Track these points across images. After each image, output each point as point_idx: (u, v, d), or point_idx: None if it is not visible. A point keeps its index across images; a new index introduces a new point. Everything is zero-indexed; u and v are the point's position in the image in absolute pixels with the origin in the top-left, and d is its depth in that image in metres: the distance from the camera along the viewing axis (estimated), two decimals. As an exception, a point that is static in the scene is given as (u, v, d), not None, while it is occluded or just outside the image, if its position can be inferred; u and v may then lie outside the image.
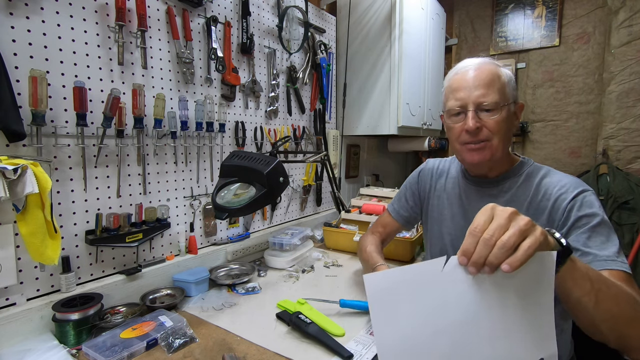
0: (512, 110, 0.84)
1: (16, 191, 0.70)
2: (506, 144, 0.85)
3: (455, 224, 0.97)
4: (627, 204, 2.04)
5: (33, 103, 0.79)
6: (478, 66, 0.83)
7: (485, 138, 0.82)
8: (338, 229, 1.54)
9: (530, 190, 0.85)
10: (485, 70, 0.82)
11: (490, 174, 0.91)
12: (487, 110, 0.81)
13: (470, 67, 0.84)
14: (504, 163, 0.89)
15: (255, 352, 0.79)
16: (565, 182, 0.81)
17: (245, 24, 1.34)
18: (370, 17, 1.87)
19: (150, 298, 1.01)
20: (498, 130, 0.81)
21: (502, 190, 0.89)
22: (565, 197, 0.79)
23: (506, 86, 0.82)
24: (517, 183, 0.88)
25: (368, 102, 1.91)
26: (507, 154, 0.89)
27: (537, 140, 2.58)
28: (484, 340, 0.49)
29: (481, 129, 0.82)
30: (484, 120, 0.81)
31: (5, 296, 0.81)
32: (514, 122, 0.86)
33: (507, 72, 0.84)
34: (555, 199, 0.80)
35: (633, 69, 2.10)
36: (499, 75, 0.82)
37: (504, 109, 0.81)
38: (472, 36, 2.79)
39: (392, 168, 2.74)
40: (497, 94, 0.80)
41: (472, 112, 0.81)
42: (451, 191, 1.00)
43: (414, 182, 1.11)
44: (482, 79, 0.81)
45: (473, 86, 0.82)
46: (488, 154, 0.84)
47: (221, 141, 1.30)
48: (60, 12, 0.87)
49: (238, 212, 0.88)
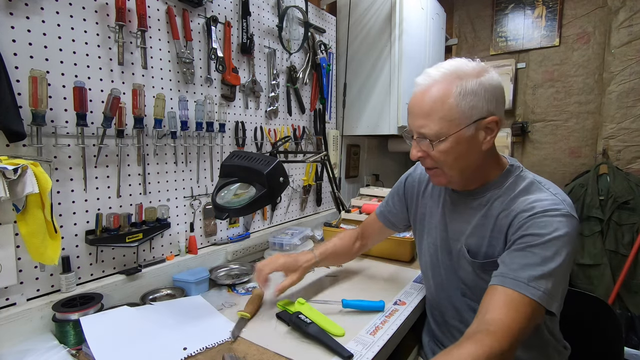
0: (467, 134, 0.73)
1: (16, 191, 0.70)
2: (465, 168, 0.78)
3: (437, 233, 0.93)
4: (627, 204, 2.04)
5: (33, 103, 0.79)
6: (426, 88, 0.75)
7: (432, 166, 0.79)
8: (338, 229, 1.54)
9: (503, 204, 0.78)
10: (428, 95, 0.74)
11: (470, 186, 0.84)
12: (427, 141, 0.75)
13: (419, 88, 0.77)
14: (486, 174, 0.82)
15: (255, 352, 0.79)
16: (537, 201, 0.72)
17: (245, 24, 1.34)
18: (370, 17, 1.87)
19: (150, 298, 1.01)
20: (443, 160, 0.76)
21: (481, 203, 0.83)
22: (524, 214, 0.72)
23: (454, 110, 0.72)
24: (496, 195, 0.80)
25: (368, 102, 1.91)
26: (480, 168, 0.81)
27: (537, 140, 2.58)
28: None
29: (425, 157, 0.79)
30: (426, 150, 0.77)
31: (5, 296, 0.81)
32: (477, 142, 0.75)
33: (465, 88, 0.72)
34: (514, 216, 0.74)
35: (633, 69, 2.11)
36: (446, 97, 0.72)
37: (450, 138, 0.73)
38: (472, 36, 2.79)
39: (392, 168, 2.74)
40: (437, 123, 0.72)
41: (414, 141, 0.78)
42: (437, 199, 0.95)
43: (401, 187, 1.08)
44: (422, 107, 0.74)
45: (414, 114, 0.77)
46: (443, 180, 0.81)
47: (221, 141, 1.30)
48: (60, 12, 0.87)
49: (238, 212, 0.88)
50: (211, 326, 0.88)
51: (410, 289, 1.12)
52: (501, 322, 0.62)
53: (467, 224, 0.85)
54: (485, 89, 0.73)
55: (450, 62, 0.76)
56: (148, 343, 0.79)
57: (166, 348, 0.78)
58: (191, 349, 0.78)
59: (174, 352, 0.76)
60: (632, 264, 1.99)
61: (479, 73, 0.74)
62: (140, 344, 0.78)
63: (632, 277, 2.01)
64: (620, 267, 2.02)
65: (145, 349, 0.77)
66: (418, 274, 1.24)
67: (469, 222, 0.84)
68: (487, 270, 0.77)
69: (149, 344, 0.78)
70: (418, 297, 1.06)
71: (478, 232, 0.82)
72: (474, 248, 0.82)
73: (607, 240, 2.07)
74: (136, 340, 0.79)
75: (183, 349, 0.77)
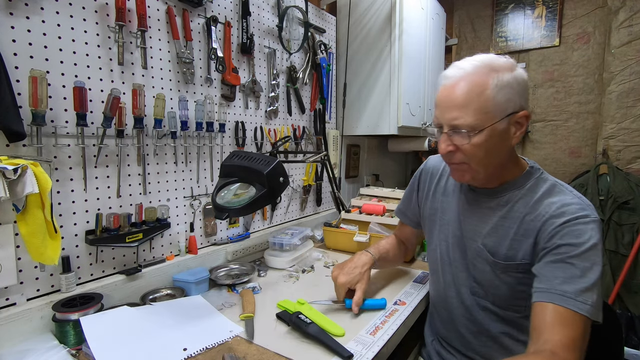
0: (500, 128, 0.73)
1: (16, 191, 0.70)
2: (491, 164, 0.77)
3: (451, 231, 0.92)
4: (627, 204, 2.04)
5: (33, 103, 0.79)
6: (458, 80, 0.73)
7: (460, 161, 0.77)
8: (338, 229, 1.54)
9: (526, 207, 0.78)
10: (464, 86, 0.72)
11: (489, 185, 0.83)
12: (461, 134, 0.73)
13: (450, 81, 0.75)
14: (506, 173, 0.82)
15: (255, 352, 0.79)
16: (565, 205, 0.72)
17: (245, 24, 1.34)
18: (370, 17, 1.87)
19: (150, 298, 1.01)
20: (474, 154, 0.74)
21: (499, 203, 0.82)
22: (555, 221, 0.71)
23: (491, 101, 0.71)
24: (517, 197, 0.80)
25: (368, 102, 1.91)
26: (502, 166, 0.80)
27: (537, 140, 2.58)
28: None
29: (454, 152, 0.76)
30: (457, 144, 0.75)
31: (5, 296, 0.81)
32: (508, 138, 0.75)
33: (504, 79, 0.71)
34: (545, 221, 0.73)
35: (633, 69, 2.11)
36: (484, 89, 0.71)
37: (484, 131, 0.71)
38: (472, 36, 2.79)
39: (392, 168, 2.74)
40: (473, 115, 0.71)
41: (445, 134, 0.75)
42: (451, 194, 0.94)
43: (415, 181, 1.08)
44: (457, 98, 0.72)
45: (447, 106, 0.74)
46: (468, 176, 0.79)
47: (221, 141, 1.30)
48: (60, 12, 0.87)
49: (238, 212, 0.88)
50: (211, 326, 0.88)
51: (410, 289, 1.12)
52: (560, 342, 0.62)
53: (483, 224, 0.84)
54: (518, 83, 0.73)
55: (482, 56, 0.76)
56: (148, 343, 0.79)
57: (166, 348, 0.78)
58: (191, 349, 0.78)
59: (174, 352, 0.76)
60: (632, 264, 1.99)
61: (512, 67, 0.74)
62: (140, 344, 0.78)
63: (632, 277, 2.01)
64: (620, 267, 2.02)
65: (145, 349, 0.77)
66: (418, 274, 1.24)
67: (485, 222, 0.84)
68: (509, 272, 0.78)
69: (149, 344, 0.78)
70: (418, 297, 1.06)
71: (497, 232, 0.81)
72: (492, 248, 0.81)
73: (607, 240, 2.07)
74: (136, 341, 0.79)
75: (183, 350, 0.77)
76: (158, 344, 0.79)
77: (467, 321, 0.90)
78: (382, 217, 1.53)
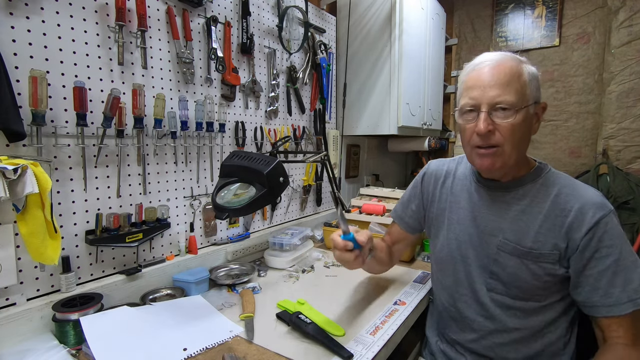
0: (531, 112, 0.78)
1: (16, 191, 0.70)
2: (521, 150, 0.80)
3: (462, 229, 0.92)
4: (627, 204, 2.04)
5: (33, 103, 0.79)
6: (497, 63, 0.77)
7: (496, 143, 0.77)
8: (338, 229, 1.53)
9: (546, 201, 0.81)
10: (504, 68, 0.76)
11: (504, 179, 0.86)
12: (502, 112, 0.75)
13: (487, 64, 0.78)
14: (520, 167, 0.85)
15: (255, 352, 0.79)
16: (586, 200, 0.77)
17: (245, 24, 1.34)
18: (370, 17, 1.87)
19: (150, 298, 1.01)
20: (512, 134, 0.76)
21: (515, 197, 0.84)
22: (586, 220, 0.75)
23: (527, 86, 0.76)
24: (532, 191, 0.83)
25: (368, 102, 1.91)
26: (522, 158, 0.84)
27: (537, 140, 2.58)
28: None
29: (493, 133, 0.76)
30: (497, 123, 0.76)
31: (5, 296, 0.81)
32: (532, 125, 0.80)
33: (531, 69, 0.78)
34: (574, 218, 0.77)
35: (633, 69, 2.10)
36: (520, 73, 0.76)
37: (522, 112, 0.75)
38: (472, 36, 2.79)
39: (392, 168, 2.74)
40: (514, 94, 0.74)
41: (484, 113, 0.76)
42: (459, 194, 0.95)
43: (417, 186, 1.07)
44: (499, 77, 0.75)
45: (488, 85, 0.76)
46: (499, 162, 0.79)
47: (221, 141, 1.30)
48: (60, 12, 0.87)
49: (238, 212, 0.88)
50: (211, 326, 0.88)
51: (410, 289, 1.12)
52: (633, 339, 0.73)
53: (501, 218, 0.85)
54: (538, 78, 0.80)
55: (506, 52, 0.81)
56: (148, 343, 0.79)
57: (166, 348, 0.78)
58: (191, 349, 0.78)
59: (174, 352, 0.76)
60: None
61: (531, 64, 0.81)
62: (140, 344, 0.78)
63: None
64: (620, 267, 2.02)
65: (145, 349, 0.77)
66: (418, 274, 1.24)
67: (503, 217, 0.85)
68: (540, 262, 0.80)
69: (149, 344, 0.78)
70: (418, 297, 1.06)
71: (517, 225, 0.83)
72: (516, 241, 0.83)
73: (607, 240, 2.07)
74: (136, 341, 0.79)
75: (183, 350, 0.77)
76: (158, 344, 0.79)
77: (483, 319, 0.89)
78: (382, 217, 1.53)
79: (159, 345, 0.78)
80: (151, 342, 0.79)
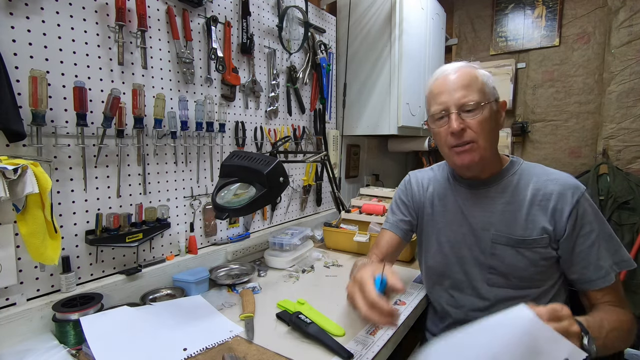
0: (494, 108, 0.86)
1: (16, 191, 0.70)
2: (493, 143, 0.87)
3: (454, 230, 0.95)
4: (627, 204, 2.04)
5: (33, 103, 0.79)
6: (456, 69, 0.86)
7: (470, 139, 0.84)
8: (338, 229, 1.54)
9: (527, 190, 0.87)
10: (463, 73, 0.85)
11: (483, 175, 0.91)
12: (469, 110, 0.83)
13: (449, 71, 0.86)
14: (495, 163, 0.91)
15: (255, 352, 0.79)
16: (563, 183, 0.85)
17: (245, 24, 1.34)
18: (370, 17, 1.87)
19: (150, 298, 1.01)
20: (482, 129, 0.83)
21: (497, 191, 0.90)
22: (567, 200, 0.82)
23: (485, 85, 0.85)
24: (513, 183, 0.89)
25: (368, 102, 1.91)
26: (496, 153, 0.91)
27: (537, 140, 2.58)
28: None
29: (465, 130, 0.83)
30: (468, 122, 0.83)
31: (6, 296, 0.81)
32: (498, 120, 0.88)
33: (485, 72, 0.88)
34: (556, 202, 0.83)
35: (633, 69, 2.10)
36: (477, 76, 0.85)
37: (486, 108, 0.83)
38: (472, 36, 2.79)
39: (392, 168, 2.74)
40: (477, 93, 0.83)
41: (454, 114, 0.83)
42: (444, 198, 0.99)
43: (403, 193, 1.08)
44: (462, 80, 0.84)
45: (453, 89, 0.84)
46: (477, 156, 0.85)
47: (221, 141, 1.30)
48: (60, 12, 0.87)
49: (238, 212, 0.88)
50: (211, 326, 0.88)
51: (410, 289, 1.12)
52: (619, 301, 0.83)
53: (490, 212, 0.90)
54: (490, 78, 0.88)
55: (459, 62, 0.91)
56: (148, 343, 0.79)
57: (166, 348, 0.78)
58: (191, 349, 0.78)
59: (174, 352, 0.76)
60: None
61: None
62: (140, 344, 0.78)
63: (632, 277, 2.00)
64: (620, 267, 2.02)
65: (145, 349, 0.77)
66: (418, 274, 1.24)
67: (491, 210, 0.90)
68: (534, 248, 0.85)
69: (149, 344, 0.78)
70: (418, 297, 1.06)
71: (506, 217, 0.88)
72: (508, 231, 0.87)
73: (607, 240, 2.07)
74: (136, 341, 0.79)
75: (183, 350, 0.77)
76: (158, 344, 0.79)
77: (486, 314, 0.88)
78: (382, 217, 1.53)
79: (159, 345, 0.78)
80: (151, 342, 0.79)
